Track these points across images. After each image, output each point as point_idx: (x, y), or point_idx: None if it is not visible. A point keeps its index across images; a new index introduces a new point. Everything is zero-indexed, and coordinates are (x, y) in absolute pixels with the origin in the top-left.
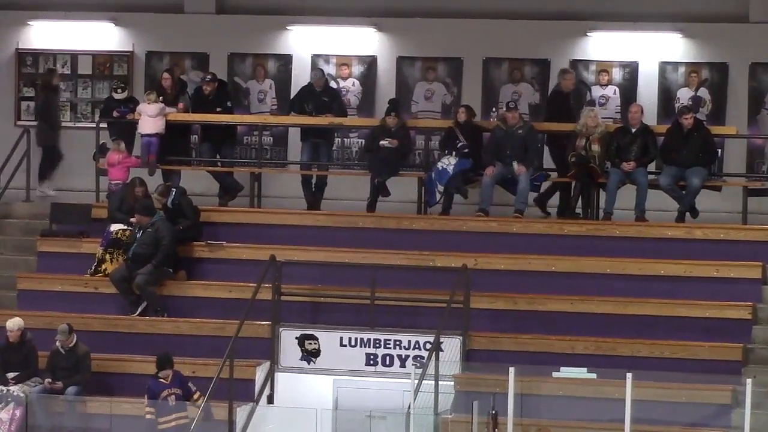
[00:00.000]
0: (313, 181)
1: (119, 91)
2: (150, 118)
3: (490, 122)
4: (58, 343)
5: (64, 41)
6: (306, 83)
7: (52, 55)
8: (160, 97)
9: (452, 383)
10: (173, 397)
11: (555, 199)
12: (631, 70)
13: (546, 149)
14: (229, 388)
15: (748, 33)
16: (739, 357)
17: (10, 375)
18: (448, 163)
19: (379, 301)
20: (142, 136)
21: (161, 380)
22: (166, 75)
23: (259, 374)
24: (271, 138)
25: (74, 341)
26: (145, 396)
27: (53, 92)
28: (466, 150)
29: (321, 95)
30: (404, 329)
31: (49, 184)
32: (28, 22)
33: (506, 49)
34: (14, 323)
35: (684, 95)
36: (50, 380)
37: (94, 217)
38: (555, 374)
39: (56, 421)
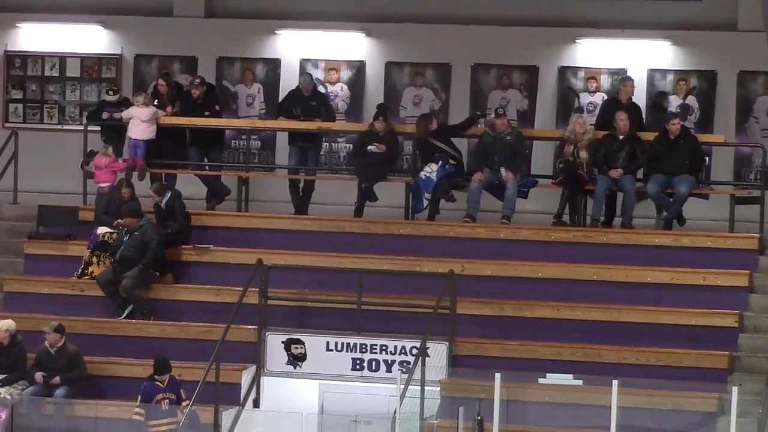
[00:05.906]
0: (301, 185)
1: (111, 93)
2: (142, 123)
3: (478, 128)
4: (46, 343)
5: (52, 43)
6: (294, 87)
7: (41, 57)
8: (155, 101)
9: (438, 389)
10: (167, 401)
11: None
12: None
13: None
14: (215, 391)
15: (736, 41)
16: (725, 365)
17: None
18: (431, 170)
19: (366, 306)
20: (130, 138)
21: (157, 383)
22: (161, 81)
23: (245, 378)
24: (259, 142)
25: (63, 341)
26: (139, 397)
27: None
28: (440, 161)
29: (309, 99)
30: (391, 334)
31: None
32: (17, 24)
33: (495, 55)
34: (5, 324)
35: (672, 103)
36: (44, 374)
37: (81, 219)
38: (541, 380)
39: (42, 423)
